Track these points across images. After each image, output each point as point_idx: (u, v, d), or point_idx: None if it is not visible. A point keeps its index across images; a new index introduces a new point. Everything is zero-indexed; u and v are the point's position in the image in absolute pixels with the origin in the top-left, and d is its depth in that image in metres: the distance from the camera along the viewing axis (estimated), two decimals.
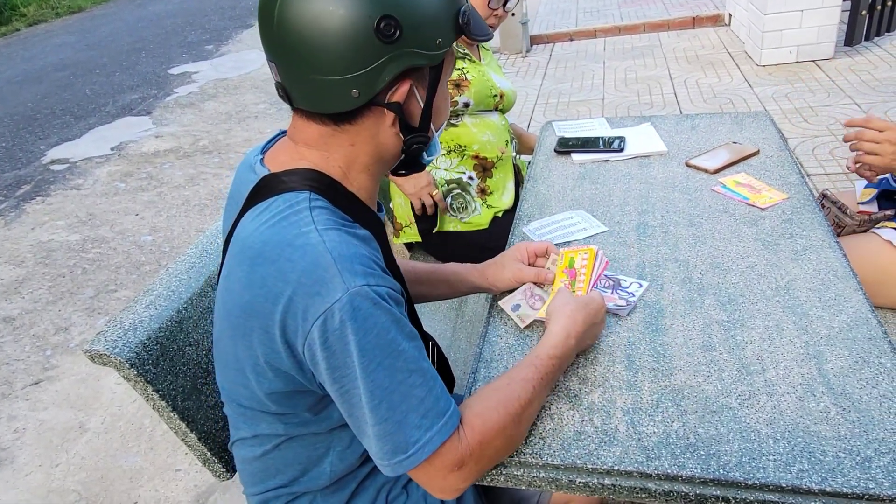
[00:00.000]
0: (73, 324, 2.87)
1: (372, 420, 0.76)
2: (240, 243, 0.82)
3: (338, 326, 0.73)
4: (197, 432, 1.10)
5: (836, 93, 3.85)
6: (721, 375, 0.94)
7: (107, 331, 1.02)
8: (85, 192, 4.24)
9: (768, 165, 1.51)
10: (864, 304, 1.03)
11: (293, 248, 0.76)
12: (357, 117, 0.82)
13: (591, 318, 0.97)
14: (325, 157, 0.85)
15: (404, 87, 0.81)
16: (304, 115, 0.84)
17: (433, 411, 0.78)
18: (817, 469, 0.78)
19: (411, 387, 0.76)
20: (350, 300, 0.72)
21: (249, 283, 0.78)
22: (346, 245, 0.76)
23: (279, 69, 0.80)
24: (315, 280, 0.73)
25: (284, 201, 0.80)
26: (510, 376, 0.88)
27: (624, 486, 0.83)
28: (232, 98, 5.72)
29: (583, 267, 1.09)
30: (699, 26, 5.68)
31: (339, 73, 0.76)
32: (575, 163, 1.68)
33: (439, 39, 0.80)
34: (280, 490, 0.97)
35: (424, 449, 0.77)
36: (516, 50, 5.68)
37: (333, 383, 0.77)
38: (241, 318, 0.81)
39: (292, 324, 0.75)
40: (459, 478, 0.81)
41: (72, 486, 2.02)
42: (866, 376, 0.90)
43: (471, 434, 0.81)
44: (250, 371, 0.84)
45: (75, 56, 8.01)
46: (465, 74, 1.73)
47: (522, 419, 0.86)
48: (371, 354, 0.74)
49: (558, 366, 0.92)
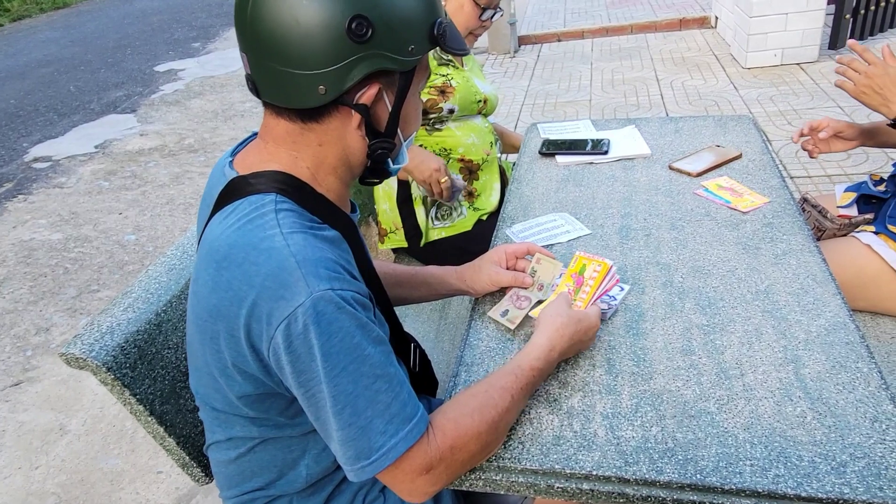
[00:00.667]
0: (54, 324, 2.83)
1: (336, 425, 0.76)
2: (206, 247, 0.81)
3: (301, 331, 0.72)
4: (175, 437, 1.09)
5: (819, 95, 3.89)
6: (700, 380, 0.94)
7: (83, 334, 1.01)
8: (68, 190, 4.19)
9: (750, 169, 1.52)
10: (843, 308, 1.04)
11: (258, 252, 0.75)
12: (323, 116, 0.81)
13: (578, 336, 0.97)
14: (294, 158, 0.84)
15: (373, 89, 0.80)
16: (273, 110, 0.83)
17: (399, 417, 0.77)
18: (793, 474, 0.78)
19: (376, 392, 0.76)
20: (313, 304, 0.72)
21: (215, 286, 0.78)
22: (311, 249, 0.76)
23: (249, 60, 0.80)
24: (279, 284, 0.73)
25: (250, 204, 0.80)
26: (489, 383, 0.88)
27: (602, 491, 0.83)
28: (218, 96, 5.68)
29: (591, 279, 1.08)
30: (686, 28, 5.71)
31: (307, 67, 0.76)
32: (559, 165, 1.68)
33: (412, 46, 0.80)
34: (256, 493, 0.96)
35: (388, 455, 0.77)
36: (504, 50, 5.69)
37: (299, 387, 0.76)
38: (207, 322, 0.80)
39: (257, 328, 0.75)
40: (428, 482, 0.81)
41: (51, 489, 2.00)
42: (843, 381, 0.91)
43: (442, 439, 0.81)
44: (220, 374, 0.83)
45: (60, 52, 7.92)
46: (449, 81, 1.73)
47: (499, 427, 0.85)
48: (335, 359, 0.74)
49: (539, 376, 0.92)
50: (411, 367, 1.07)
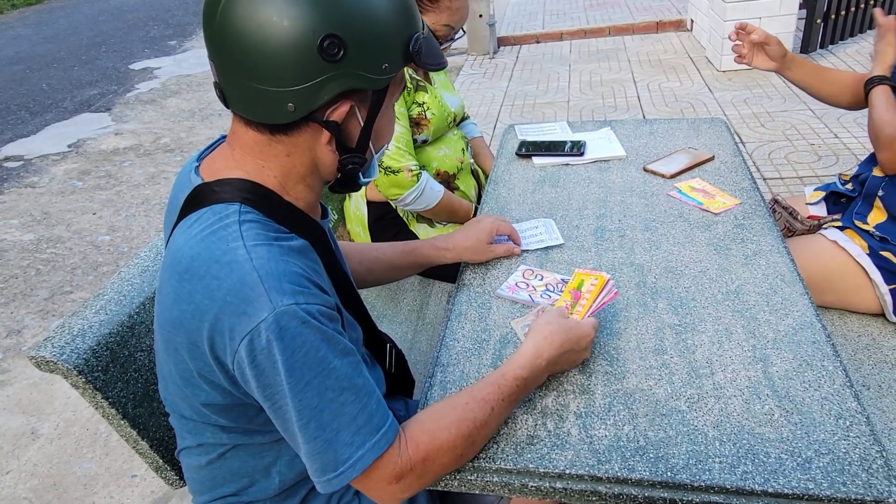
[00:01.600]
0: (25, 326, 2.78)
1: (302, 438, 0.76)
2: (170, 256, 0.80)
3: (265, 346, 0.72)
4: (149, 440, 1.08)
5: (791, 98, 3.96)
6: (671, 379, 0.96)
7: (54, 336, 1.00)
8: (40, 190, 4.12)
9: (723, 171, 1.55)
10: (810, 308, 1.07)
11: (220, 265, 0.74)
12: (293, 130, 0.80)
13: (569, 344, 0.94)
14: (261, 167, 0.83)
15: (344, 107, 0.78)
16: (241, 119, 0.82)
17: (366, 428, 0.77)
18: (760, 470, 0.80)
19: (342, 405, 0.76)
20: (276, 320, 0.71)
21: (178, 297, 0.77)
22: (275, 262, 0.75)
23: (217, 69, 0.78)
24: (241, 299, 0.72)
25: (214, 213, 0.79)
26: (471, 394, 0.87)
27: (575, 490, 0.84)
28: (195, 95, 5.62)
29: (588, 292, 1.05)
30: (662, 31, 5.78)
31: (275, 84, 0.74)
32: (536, 166, 1.69)
33: (386, 64, 0.78)
34: (229, 499, 0.96)
35: (355, 467, 0.77)
36: (483, 51, 5.70)
37: (265, 400, 0.76)
38: (171, 333, 0.80)
39: (220, 342, 0.74)
40: (398, 489, 0.81)
41: (23, 494, 1.96)
42: (809, 379, 0.93)
43: (414, 450, 0.81)
44: (185, 384, 0.83)
45: (32, 49, 7.77)
46: (425, 112, 1.70)
47: (476, 440, 0.85)
48: (299, 374, 0.73)
49: (523, 386, 0.90)
50: (387, 368, 1.08)
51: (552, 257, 1.29)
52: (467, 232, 1.27)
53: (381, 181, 1.66)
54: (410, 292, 1.77)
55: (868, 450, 0.81)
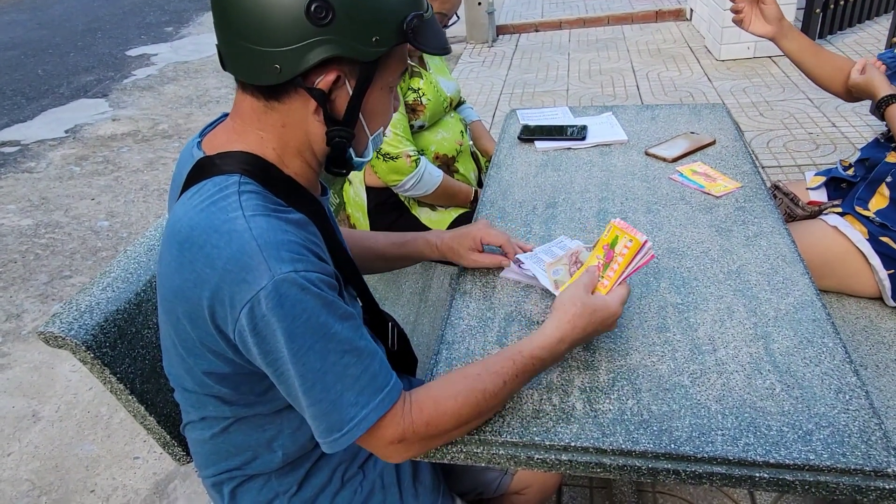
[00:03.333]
0: (25, 310, 2.78)
1: (307, 401, 0.77)
2: (170, 227, 0.81)
3: (265, 313, 0.73)
4: (156, 416, 1.09)
5: (790, 88, 3.97)
6: (674, 355, 0.97)
7: (62, 312, 1.00)
8: (38, 175, 4.10)
9: (724, 155, 1.56)
10: (810, 287, 1.08)
11: (219, 235, 0.75)
12: (283, 96, 0.80)
13: (593, 327, 0.92)
14: (261, 138, 0.84)
15: (331, 75, 0.78)
16: (241, 86, 0.83)
17: (369, 388, 0.79)
18: (762, 442, 0.82)
19: (345, 367, 0.77)
20: (275, 287, 0.72)
21: (179, 267, 0.78)
22: (274, 232, 0.76)
23: (216, 30, 0.80)
24: (241, 267, 0.73)
25: (214, 185, 0.79)
26: (484, 365, 0.88)
27: (580, 462, 0.85)
28: (193, 82, 5.59)
29: (620, 255, 0.96)
30: (661, 20, 5.77)
31: (264, 44, 0.76)
32: (538, 150, 1.70)
33: (376, 37, 0.77)
34: (233, 472, 0.97)
35: (360, 425, 0.78)
36: (482, 40, 5.69)
37: (268, 366, 0.78)
38: (173, 303, 0.81)
39: (220, 311, 0.75)
40: (402, 448, 0.83)
41: (25, 476, 1.97)
42: (810, 355, 0.94)
43: (418, 414, 0.82)
44: (188, 354, 0.84)
45: (26, 35, 7.71)
46: (420, 98, 1.70)
47: (483, 411, 0.86)
48: (301, 340, 0.74)
49: (539, 365, 0.90)
50: (389, 346, 1.09)
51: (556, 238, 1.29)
52: (455, 233, 1.23)
53: (379, 167, 1.67)
54: (412, 275, 1.78)
55: (867, 422, 0.83)
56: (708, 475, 0.81)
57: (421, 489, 1.04)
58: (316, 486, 0.99)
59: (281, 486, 0.98)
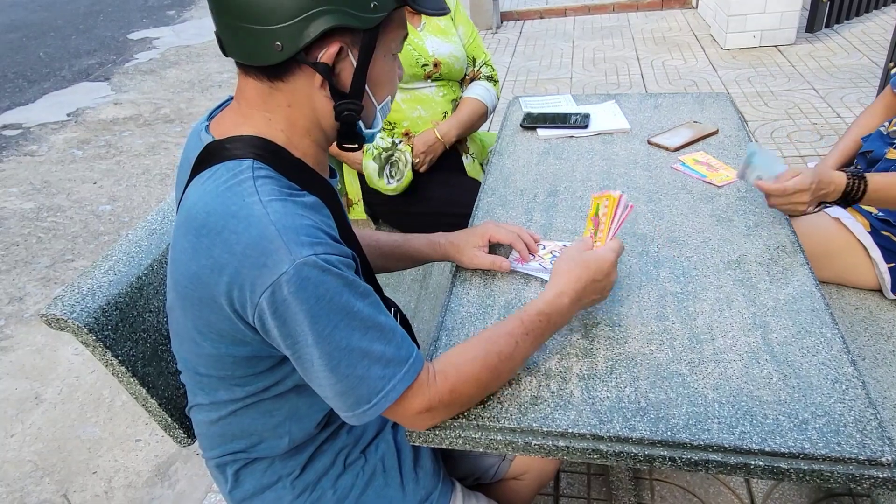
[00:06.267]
0: (27, 293, 2.80)
1: (332, 379, 0.78)
2: (185, 213, 0.81)
3: (286, 297, 0.73)
4: (157, 398, 1.09)
5: (795, 78, 3.94)
6: (673, 344, 0.97)
7: (64, 295, 1.01)
8: (39, 158, 4.10)
9: (726, 145, 1.56)
10: (809, 277, 1.08)
11: (237, 220, 0.75)
12: (286, 74, 0.80)
13: (590, 275, 0.94)
14: (268, 121, 0.83)
15: (333, 47, 0.78)
16: (242, 70, 0.82)
17: (395, 360, 0.80)
18: (758, 431, 0.82)
19: (371, 342, 0.78)
20: (297, 271, 0.73)
21: (195, 253, 0.78)
22: (291, 216, 0.76)
23: (213, 15, 0.80)
24: (260, 252, 0.73)
25: (228, 170, 0.79)
26: (495, 329, 0.90)
27: (577, 448, 0.86)
28: (195, 66, 5.57)
29: (604, 215, 1.03)
30: (667, 8, 5.73)
31: (263, 23, 0.75)
32: (540, 138, 1.70)
33: (374, 3, 0.76)
34: (238, 454, 0.98)
35: (388, 396, 0.80)
36: (486, 26, 5.65)
37: (287, 348, 0.78)
38: (188, 289, 0.81)
39: (239, 296, 0.76)
40: (428, 417, 0.85)
41: (27, 457, 1.99)
42: (807, 345, 0.95)
43: (443, 382, 0.84)
44: (202, 338, 0.84)
45: (28, 17, 7.67)
46: None
47: (501, 372, 0.89)
48: (325, 320, 0.75)
49: (546, 323, 0.92)
50: None
51: (556, 226, 1.30)
52: (462, 231, 1.20)
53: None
54: None
55: (863, 412, 0.83)
56: (704, 462, 0.82)
57: (421, 473, 1.05)
58: (319, 470, 1.00)
59: (284, 469, 0.99)
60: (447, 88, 1.85)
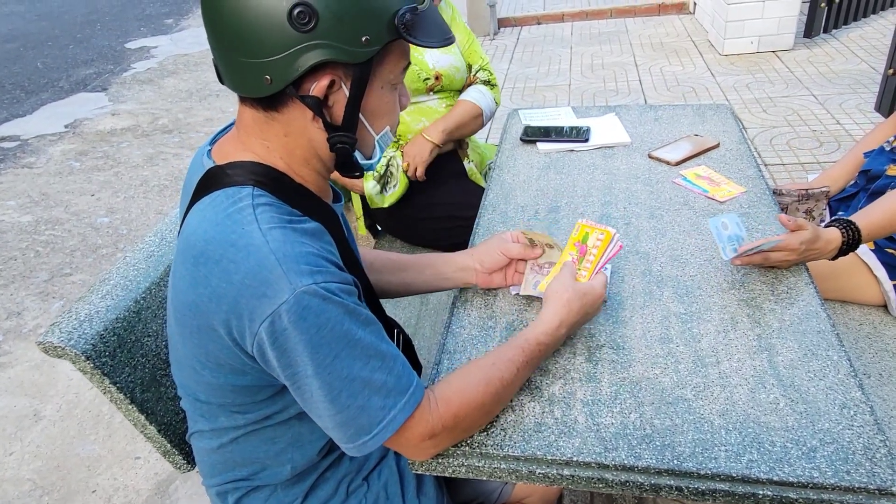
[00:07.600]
0: (26, 308, 2.78)
1: (332, 410, 0.77)
2: (184, 240, 0.80)
3: (286, 327, 0.72)
4: (156, 424, 1.08)
5: (794, 84, 3.94)
6: (677, 367, 0.96)
7: (61, 322, 1.00)
8: (37, 170, 4.09)
9: (728, 158, 1.55)
10: (815, 297, 1.07)
11: (236, 249, 0.74)
12: (280, 105, 0.79)
13: (585, 309, 0.98)
14: (267, 148, 0.83)
15: (324, 80, 0.77)
16: (240, 97, 0.82)
17: (395, 390, 0.79)
18: (766, 459, 0.81)
19: (372, 371, 0.78)
20: (297, 300, 0.72)
21: (194, 282, 0.77)
22: (291, 245, 0.75)
23: (210, 46, 0.80)
24: (260, 281, 0.72)
25: (227, 196, 0.78)
26: (496, 356, 0.90)
27: (582, 477, 0.85)
28: (193, 75, 5.57)
29: (594, 247, 1.07)
30: (664, 13, 5.73)
31: (252, 56, 0.75)
32: (540, 152, 1.69)
33: (366, 37, 0.75)
34: (239, 483, 0.97)
35: (388, 427, 0.79)
36: (484, 32, 5.65)
37: (286, 379, 0.77)
38: (187, 317, 0.80)
39: (238, 325, 0.75)
40: (431, 445, 0.84)
41: (27, 475, 1.98)
42: (814, 368, 0.93)
43: (445, 408, 0.83)
44: (202, 367, 0.83)
45: (25, 27, 7.67)
46: None
47: (502, 398, 0.89)
48: (326, 350, 0.74)
49: (545, 351, 0.95)
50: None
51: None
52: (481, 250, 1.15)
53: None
54: None
55: (872, 439, 0.82)
56: (711, 492, 0.81)
57: (424, 500, 1.04)
58: (321, 498, 0.99)
59: (286, 498, 0.98)
60: (450, 99, 1.86)
